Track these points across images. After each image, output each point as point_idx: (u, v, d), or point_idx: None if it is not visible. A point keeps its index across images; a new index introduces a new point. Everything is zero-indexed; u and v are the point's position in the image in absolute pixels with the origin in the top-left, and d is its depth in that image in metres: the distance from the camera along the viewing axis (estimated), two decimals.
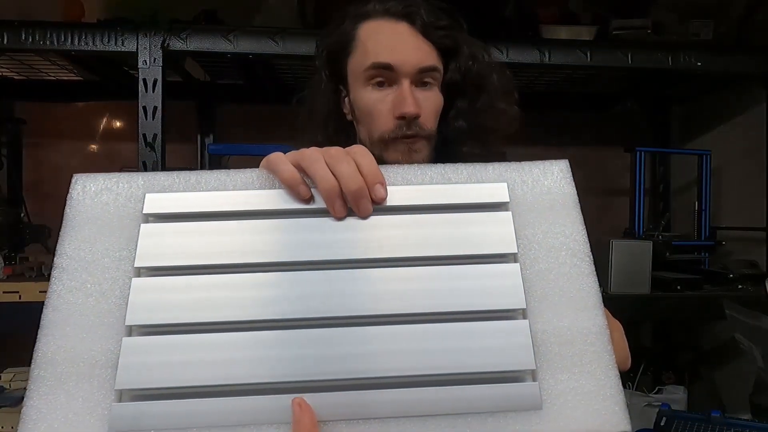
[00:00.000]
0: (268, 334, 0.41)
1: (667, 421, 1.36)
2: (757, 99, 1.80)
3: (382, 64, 0.78)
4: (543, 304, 0.43)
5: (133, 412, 0.38)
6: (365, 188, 0.45)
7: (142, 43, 1.44)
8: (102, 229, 0.45)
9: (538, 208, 0.47)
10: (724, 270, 1.70)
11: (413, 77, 0.79)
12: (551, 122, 2.18)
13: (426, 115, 0.81)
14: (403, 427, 0.39)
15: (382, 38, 0.79)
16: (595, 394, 0.40)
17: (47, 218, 1.88)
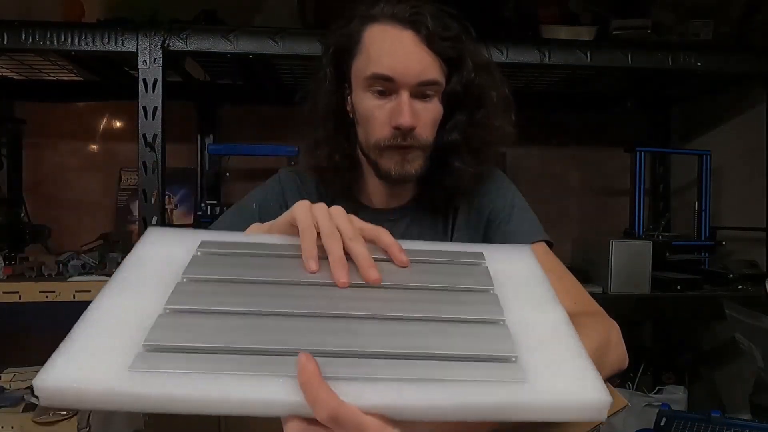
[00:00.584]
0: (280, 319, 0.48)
1: (667, 421, 1.36)
2: (757, 99, 1.80)
3: (382, 75, 0.79)
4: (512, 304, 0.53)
5: (153, 357, 0.43)
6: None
7: (142, 43, 1.44)
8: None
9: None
10: (724, 270, 1.70)
11: (413, 89, 0.80)
12: (551, 122, 2.18)
13: (422, 126, 0.82)
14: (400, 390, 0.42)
15: (386, 47, 0.79)
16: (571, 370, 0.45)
17: (47, 218, 1.88)
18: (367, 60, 0.80)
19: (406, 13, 0.78)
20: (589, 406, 0.42)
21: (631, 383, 1.87)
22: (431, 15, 0.79)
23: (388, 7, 0.80)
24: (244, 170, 2.10)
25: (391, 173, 0.84)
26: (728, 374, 1.87)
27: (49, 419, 1.52)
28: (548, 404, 0.42)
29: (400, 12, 0.79)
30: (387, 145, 0.82)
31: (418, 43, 0.78)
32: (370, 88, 0.81)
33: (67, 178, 2.08)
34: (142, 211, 1.44)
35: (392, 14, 0.79)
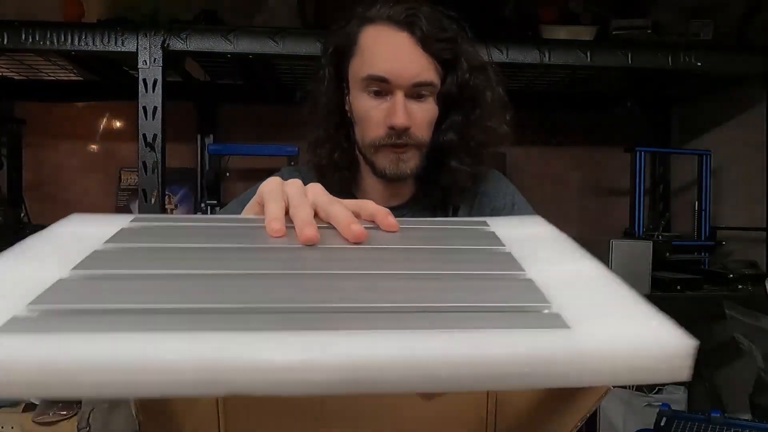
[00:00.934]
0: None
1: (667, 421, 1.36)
2: (757, 99, 1.80)
3: (377, 76, 0.80)
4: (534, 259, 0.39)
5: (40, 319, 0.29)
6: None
7: (142, 43, 1.44)
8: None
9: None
10: (724, 270, 1.70)
11: (408, 90, 0.81)
12: (551, 122, 2.18)
13: (417, 125, 0.83)
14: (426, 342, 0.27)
15: (381, 49, 0.80)
16: (630, 315, 0.31)
17: (47, 218, 1.87)
18: (363, 61, 0.81)
19: (402, 15, 0.79)
20: (671, 351, 0.29)
21: None
22: (427, 16, 0.79)
23: (385, 8, 0.80)
24: (244, 170, 2.10)
25: (387, 172, 0.86)
26: (728, 374, 1.87)
27: (49, 419, 1.52)
28: (614, 351, 0.27)
29: (396, 14, 0.79)
30: (382, 144, 0.83)
31: (413, 45, 0.79)
32: (366, 88, 0.82)
33: (67, 178, 2.08)
34: (142, 211, 1.44)
35: (388, 16, 0.80)
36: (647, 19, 1.68)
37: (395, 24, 0.80)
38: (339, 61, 0.86)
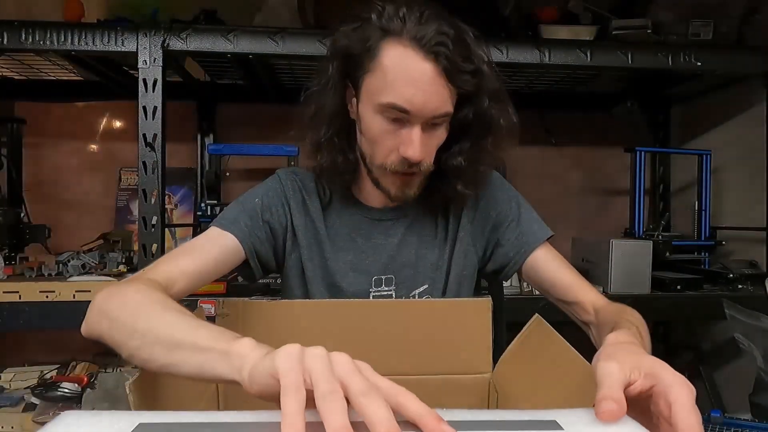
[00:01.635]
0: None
1: None
2: (757, 99, 1.80)
3: (400, 107, 0.77)
4: None
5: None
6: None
7: (142, 43, 1.44)
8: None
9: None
10: (724, 270, 1.70)
11: (426, 121, 0.79)
12: (551, 122, 2.18)
13: (428, 155, 0.82)
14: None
15: (406, 78, 0.76)
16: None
17: (47, 218, 1.88)
18: (385, 84, 0.77)
19: (430, 40, 0.74)
20: None
21: None
22: (454, 42, 0.75)
23: (411, 25, 0.75)
24: (244, 170, 2.10)
25: (391, 194, 0.86)
26: (728, 374, 1.87)
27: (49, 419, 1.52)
28: None
29: (423, 35, 0.74)
30: (392, 170, 0.82)
31: (438, 76, 0.75)
32: (384, 113, 0.79)
33: (67, 178, 2.08)
34: (142, 211, 1.44)
35: (415, 36, 0.74)
36: (647, 19, 1.68)
37: (422, 49, 0.74)
38: (350, 67, 0.82)
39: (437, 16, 0.76)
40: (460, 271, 0.93)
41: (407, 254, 0.91)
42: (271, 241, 0.90)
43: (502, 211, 0.94)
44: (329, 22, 1.75)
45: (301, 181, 0.93)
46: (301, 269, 0.91)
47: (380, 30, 0.77)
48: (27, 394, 1.64)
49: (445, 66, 0.75)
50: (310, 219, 0.92)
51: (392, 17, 0.76)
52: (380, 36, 0.77)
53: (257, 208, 0.89)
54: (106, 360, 1.82)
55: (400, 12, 0.76)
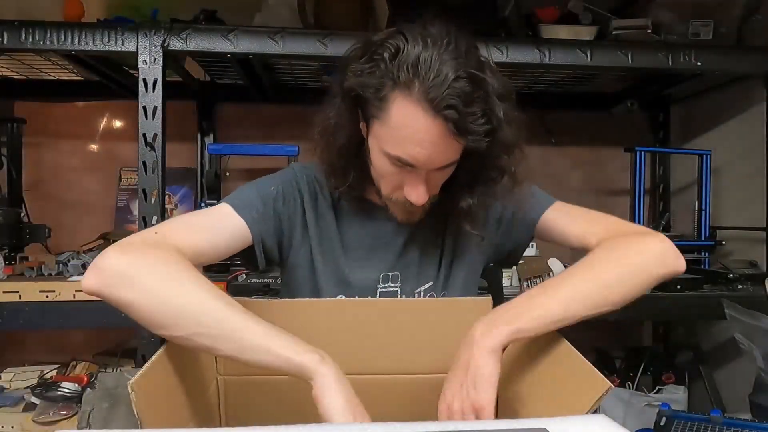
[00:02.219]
0: None
1: (667, 421, 1.36)
2: (757, 99, 1.80)
3: (405, 161, 0.77)
4: None
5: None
6: None
7: (142, 43, 1.44)
8: None
9: None
10: (724, 270, 1.70)
11: (432, 169, 0.79)
12: (551, 122, 2.18)
13: (433, 190, 0.83)
14: None
15: (412, 138, 0.74)
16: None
17: (47, 218, 1.87)
18: (390, 136, 0.76)
19: (441, 101, 0.70)
20: None
21: (631, 383, 1.87)
22: (467, 101, 0.71)
23: (423, 80, 0.71)
24: (244, 170, 2.10)
25: (398, 219, 0.88)
26: (728, 374, 1.87)
27: (49, 419, 1.52)
28: None
29: (435, 95, 0.70)
30: (396, 203, 0.84)
31: (446, 135, 0.73)
32: (389, 159, 0.78)
33: (67, 178, 2.08)
34: (142, 210, 1.44)
35: (426, 94, 0.71)
36: (647, 19, 1.68)
37: (432, 109, 0.71)
38: (361, 105, 0.79)
39: (457, 57, 0.72)
40: (464, 267, 0.93)
41: (413, 252, 0.92)
42: (279, 232, 0.90)
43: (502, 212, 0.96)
44: (329, 22, 1.76)
45: (315, 176, 0.94)
46: (311, 263, 0.91)
47: (391, 80, 0.73)
48: (27, 394, 1.64)
49: (455, 127, 0.72)
50: (322, 214, 0.92)
51: (404, 65, 0.72)
52: (391, 86, 0.73)
53: (272, 197, 0.89)
54: (106, 360, 1.82)
55: (414, 59, 0.72)
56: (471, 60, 0.73)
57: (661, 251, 0.80)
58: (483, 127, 0.73)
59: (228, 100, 2.10)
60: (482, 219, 0.90)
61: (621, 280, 0.77)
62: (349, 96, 0.79)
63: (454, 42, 0.73)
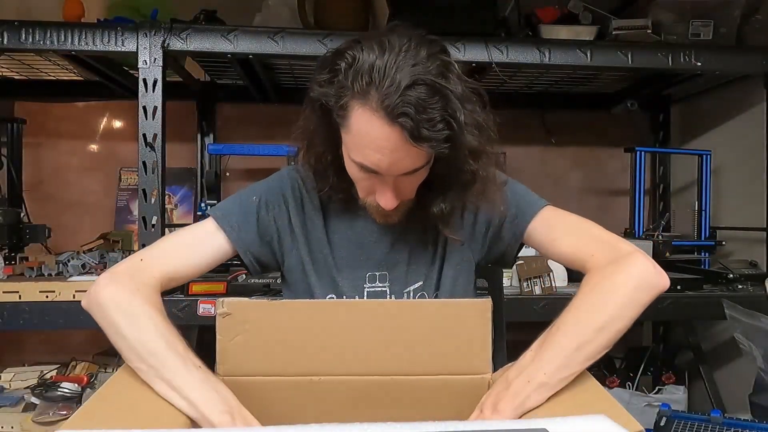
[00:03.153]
0: None
1: (667, 421, 1.36)
2: (757, 99, 1.80)
3: (368, 168, 0.77)
4: None
5: None
6: None
7: (142, 43, 1.44)
8: None
9: None
10: (724, 270, 1.70)
11: (398, 175, 0.78)
12: (551, 122, 2.18)
13: (406, 195, 0.83)
14: None
15: (372, 143, 0.74)
16: None
17: (47, 218, 1.87)
18: (354, 144, 0.77)
19: (395, 108, 0.70)
20: None
21: (631, 383, 1.87)
22: (422, 108, 0.70)
23: (379, 89, 0.71)
24: (244, 170, 2.10)
25: (375, 220, 0.88)
26: (728, 374, 1.87)
27: (49, 419, 1.52)
28: None
29: (389, 102, 0.70)
30: (371, 205, 0.84)
31: (404, 142, 0.72)
32: (356, 165, 0.79)
33: (67, 178, 2.08)
34: (142, 210, 1.44)
35: (381, 102, 0.71)
36: (647, 19, 1.68)
37: (387, 117, 0.71)
38: (329, 116, 0.79)
39: (414, 63, 0.71)
40: (454, 266, 0.93)
41: (401, 252, 0.92)
42: (267, 239, 0.91)
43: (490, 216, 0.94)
44: (329, 22, 1.76)
45: (302, 179, 0.94)
46: (302, 265, 0.92)
47: (349, 90, 0.73)
48: (27, 394, 1.64)
49: (411, 134, 0.71)
50: (309, 216, 0.93)
51: (359, 74, 0.72)
52: (350, 96, 0.73)
53: (254, 207, 0.91)
54: (106, 360, 1.82)
55: (368, 68, 0.72)
56: (430, 66, 0.72)
57: (644, 276, 0.79)
58: (441, 133, 0.72)
59: (228, 100, 2.10)
60: (458, 223, 0.90)
61: (608, 326, 0.75)
62: (316, 106, 0.80)
63: (413, 48, 0.73)
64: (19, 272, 1.57)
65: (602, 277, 0.79)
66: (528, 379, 0.70)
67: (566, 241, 0.88)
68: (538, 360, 0.72)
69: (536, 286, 1.57)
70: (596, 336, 0.73)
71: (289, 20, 1.75)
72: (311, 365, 0.78)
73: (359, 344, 0.79)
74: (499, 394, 0.71)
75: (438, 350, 0.79)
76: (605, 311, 0.75)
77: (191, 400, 0.69)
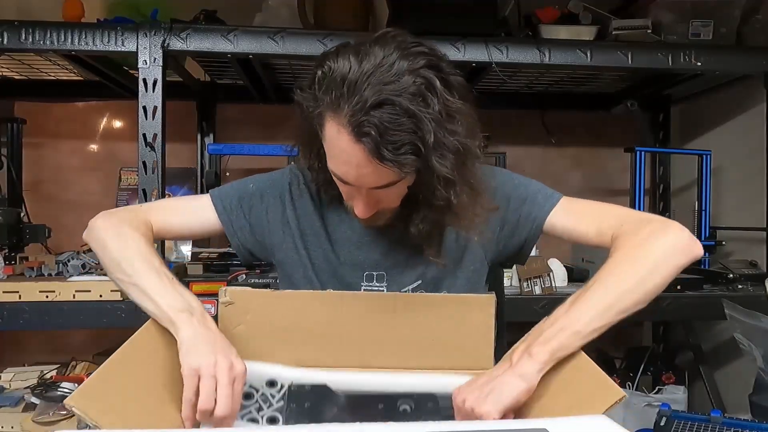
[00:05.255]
0: None
1: (667, 421, 1.36)
2: (757, 99, 1.80)
3: (341, 179, 0.78)
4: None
5: None
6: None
7: (142, 43, 1.44)
8: None
9: None
10: (724, 270, 1.70)
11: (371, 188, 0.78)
12: (551, 122, 2.18)
13: (386, 204, 0.82)
14: None
15: (341, 157, 0.74)
16: None
17: (47, 218, 1.87)
18: (328, 153, 0.77)
19: (360, 125, 0.69)
20: None
21: (631, 383, 1.87)
22: (383, 129, 0.68)
23: (348, 103, 0.69)
24: (244, 170, 2.10)
25: (361, 222, 0.88)
26: (728, 374, 1.87)
27: (49, 419, 1.52)
28: None
29: (355, 119, 0.69)
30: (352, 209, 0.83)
31: (369, 159, 0.71)
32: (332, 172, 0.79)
33: (67, 178, 2.08)
34: None
35: (348, 118, 0.69)
36: (647, 19, 1.68)
37: (353, 133, 0.70)
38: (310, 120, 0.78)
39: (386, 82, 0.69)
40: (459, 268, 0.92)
41: (400, 252, 0.91)
42: (256, 227, 0.93)
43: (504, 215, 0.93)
44: (329, 22, 1.76)
45: (304, 177, 0.94)
46: (299, 260, 0.92)
47: (323, 100, 0.73)
48: (27, 394, 1.64)
49: (373, 154, 0.70)
50: (308, 211, 0.93)
51: (332, 86, 0.71)
52: (324, 106, 0.73)
53: (248, 193, 0.94)
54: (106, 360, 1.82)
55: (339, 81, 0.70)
56: (407, 83, 0.69)
57: (679, 241, 0.81)
58: (405, 157, 0.70)
59: (228, 100, 2.10)
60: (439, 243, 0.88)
61: (644, 281, 0.77)
62: (299, 109, 0.79)
63: (395, 61, 0.70)
64: (19, 272, 1.57)
65: (637, 241, 0.81)
66: (561, 327, 0.72)
67: (593, 220, 0.89)
68: (573, 311, 0.74)
69: (536, 286, 1.57)
70: (631, 292, 0.76)
71: (289, 20, 1.75)
72: (312, 357, 0.78)
73: (361, 336, 0.79)
74: (532, 341, 0.73)
75: (441, 344, 0.79)
76: (641, 269, 0.78)
77: (156, 301, 0.75)
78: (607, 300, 0.74)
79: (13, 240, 1.71)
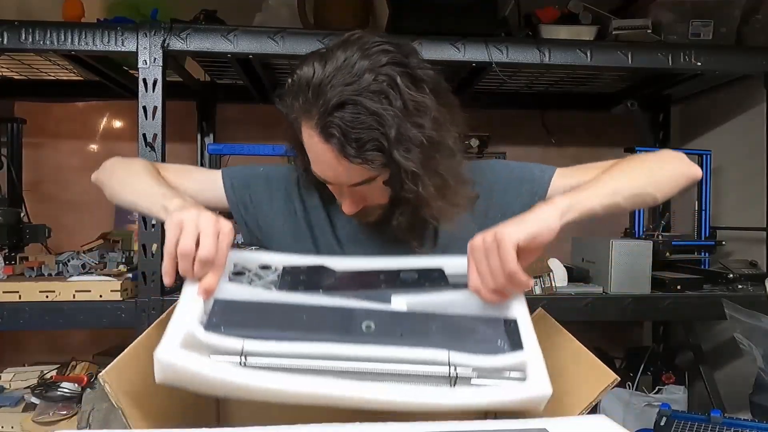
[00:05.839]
0: None
1: (667, 421, 1.36)
2: (757, 99, 1.80)
3: (322, 179, 0.80)
4: None
5: None
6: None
7: (142, 43, 1.44)
8: None
9: None
10: (724, 270, 1.70)
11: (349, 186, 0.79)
12: (551, 122, 2.18)
13: (371, 200, 0.82)
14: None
15: (314, 158, 0.78)
16: None
17: (47, 218, 1.87)
18: (309, 158, 0.80)
19: (326, 126, 0.72)
20: None
21: (631, 383, 1.87)
22: (347, 128, 0.70)
23: (316, 108, 0.72)
24: None
25: (353, 219, 0.88)
26: (728, 374, 1.87)
27: (49, 419, 1.52)
28: None
29: (322, 122, 0.72)
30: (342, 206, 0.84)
31: (337, 158, 0.73)
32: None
33: (67, 178, 2.07)
34: None
35: (318, 121, 0.73)
36: (647, 19, 1.68)
37: (321, 134, 0.73)
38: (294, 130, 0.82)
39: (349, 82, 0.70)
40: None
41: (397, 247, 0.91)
42: (255, 209, 0.95)
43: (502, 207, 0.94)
44: (329, 22, 1.76)
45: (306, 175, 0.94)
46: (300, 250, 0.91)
47: (294, 106, 0.77)
48: (27, 394, 1.64)
49: (341, 153, 0.72)
50: (313, 206, 0.93)
51: (301, 90, 0.75)
52: (297, 112, 0.77)
53: (256, 174, 0.97)
54: (105, 360, 1.82)
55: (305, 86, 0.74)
56: (368, 82, 0.71)
57: (678, 160, 0.89)
58: (371, 153, 0.72)
59: (228, 100, 2.10)
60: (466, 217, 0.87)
61: (652, 172, 0.85)
62: (286, 118, 0.83)
63: (357, 61, 0.72)
64: (19, 272, 1.57)
65: (635, 158, 0.89)
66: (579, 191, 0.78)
67: (594, 170, 0.91)
68: (573, 193, 0.78)
69: (536, 286, 1.57)
70: (629, 190, 0.82)
71: (289, 20, 1.75)
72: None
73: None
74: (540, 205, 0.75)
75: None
76: (640, 176, 0.84)
77: (160, 200, 0.79)
78: (617, 182, 0.81)
79: (13, 240, 1.71)
